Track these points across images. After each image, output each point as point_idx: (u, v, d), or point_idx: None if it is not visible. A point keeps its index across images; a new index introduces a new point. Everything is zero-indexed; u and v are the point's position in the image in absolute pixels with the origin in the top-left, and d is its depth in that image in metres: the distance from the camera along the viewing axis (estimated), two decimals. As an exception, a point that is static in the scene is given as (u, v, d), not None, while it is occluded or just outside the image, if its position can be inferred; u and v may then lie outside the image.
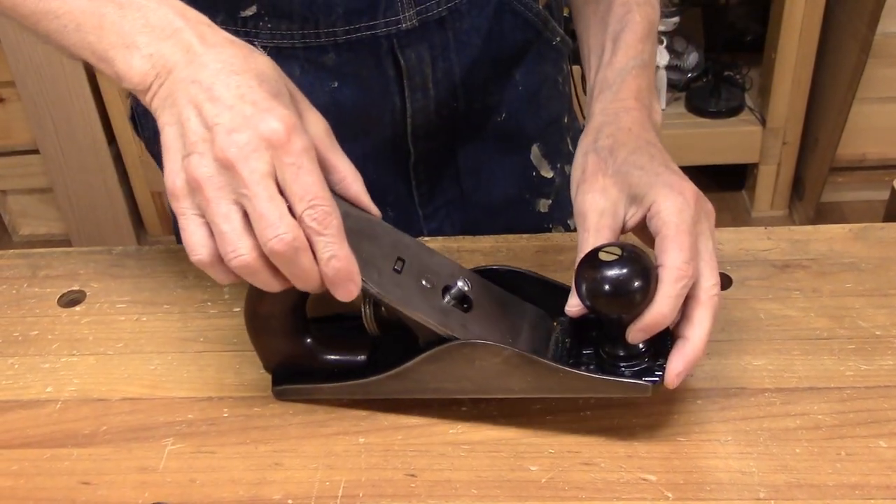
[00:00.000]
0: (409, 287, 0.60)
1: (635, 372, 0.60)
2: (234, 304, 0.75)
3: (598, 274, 0.57)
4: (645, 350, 0.60)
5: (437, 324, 0.59)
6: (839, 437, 0.61)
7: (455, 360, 0.60)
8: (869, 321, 0.69)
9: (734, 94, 2.23)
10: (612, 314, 0.59)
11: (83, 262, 0.81)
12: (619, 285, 0.56)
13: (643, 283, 0.57)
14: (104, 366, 0.71)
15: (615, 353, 0.61)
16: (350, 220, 0.57)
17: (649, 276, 0.57)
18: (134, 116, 0.87)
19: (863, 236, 0.77)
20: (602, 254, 0.57)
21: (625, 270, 0.56)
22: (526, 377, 0.60)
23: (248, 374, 0.69)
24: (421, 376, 0.62)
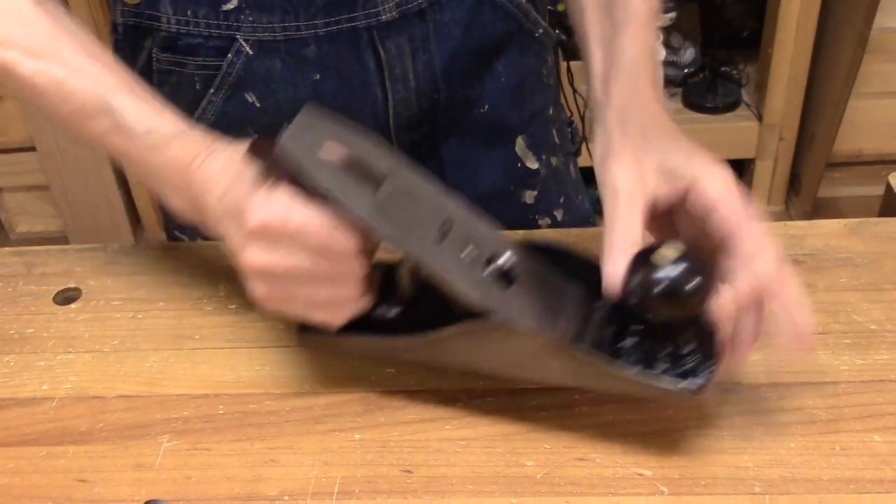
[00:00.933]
0: (451, 255, 0.57)
1: (678, 373, 0.57)
2: (229, 301, 0.75)
3: (654, 273, 0.53)
4: (693, 351, 0.57)
5: (476, 298, 0.57)
6: (834, 432, 0.61)
7: (489, 338, 0.58)
8: (864, 316, 0.69)
9: (731, 89, 2.23)
10: (665, 317, 0.55)
11: (79, 259, 0.81)
12: (678, 288, 0.52)
13: (702, 287, 0.53)
14: (100, 363, 0.71)
15: (661, 353, 0.57)
16: (398, 179, 0.56)
17: (710, 279, 0.53)
18: None
19: (858, 231, 0.77)
20: (661, 251, 0.53)
21: (685, 272, 0.52)
22: (561, 366, 0.58)
23: (243, 371, 0.69)
24: (452, 348, 0.60)
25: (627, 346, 0.59)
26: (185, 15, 0.73)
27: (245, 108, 0.78)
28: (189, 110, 0.79)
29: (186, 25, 0.74)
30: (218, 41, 0.75)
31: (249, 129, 0.79)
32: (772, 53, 2.08)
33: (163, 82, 0.79)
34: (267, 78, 0.76)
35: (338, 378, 0.68)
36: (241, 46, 0.74)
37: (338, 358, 0.69)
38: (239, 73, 0.76)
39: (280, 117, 0.78)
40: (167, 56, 0.78)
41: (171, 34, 0.76)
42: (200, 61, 0.77)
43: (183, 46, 0.76)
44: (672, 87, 2.25)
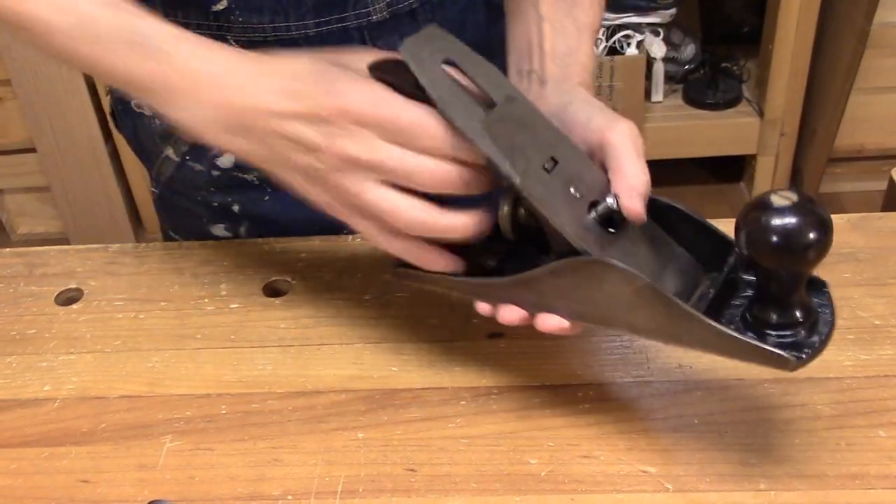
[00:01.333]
0: (554, 189, 0.55)
1: (781, 343, 0.53)
2: (230, 300, 0.75)
3: (768, 221, 0.49)
4: (801, 321, 0.54)
5: (574, 234, 0.54)
6: (838, 428, 0.61)
7: (583, 279, 0.55)
8: (868, 311, 0.69)
9: (731, 85, 2.22)
10: (778, 269, 0.52)
11: (80, 259, 0.81)
12: (794, 237, 0.49)
13: (820, 237, 0.49)
14: (102, 364, 0.71)
15: (765, 317, 0.54)
16: (511, 107, 0.55)
17: (828, 230, 0.50)
18: (114, 113, 0.87)
19: (861, 226, 0.77)
20: (775, 197, 0.50)
21: (802, 220, 0.49)
22: (655, 316, 0.55)
23: (245, 370, 0.69)
24: (545, 289, 0.57)
25: (728, 313, 0.56)
26: (176, 16, 0.73)
27: None
28: None
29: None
30: None
31: None
32: (772, 49, 2.07)
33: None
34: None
35: (340, 376, 0.67)
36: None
37: (340, 355, 0.69)
38: None
39: None
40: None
41: None
42: None
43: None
44: (673, 84, 2.24)
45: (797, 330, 0.53)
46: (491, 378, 0.66)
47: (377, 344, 0.70)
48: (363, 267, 0.77)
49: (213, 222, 0.86)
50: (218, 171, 0.81)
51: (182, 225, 0.89)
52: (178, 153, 0.81)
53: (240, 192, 0.82)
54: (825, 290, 0.56)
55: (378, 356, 0.69)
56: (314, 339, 0.71)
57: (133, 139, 0.85)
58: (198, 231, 0.87)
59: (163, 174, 0.84)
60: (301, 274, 0.77)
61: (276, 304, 0.74)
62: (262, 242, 0.81)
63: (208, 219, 0.86)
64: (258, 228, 0.84)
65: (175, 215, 0.89)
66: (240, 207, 0.83)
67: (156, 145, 0.83)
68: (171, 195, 0.87)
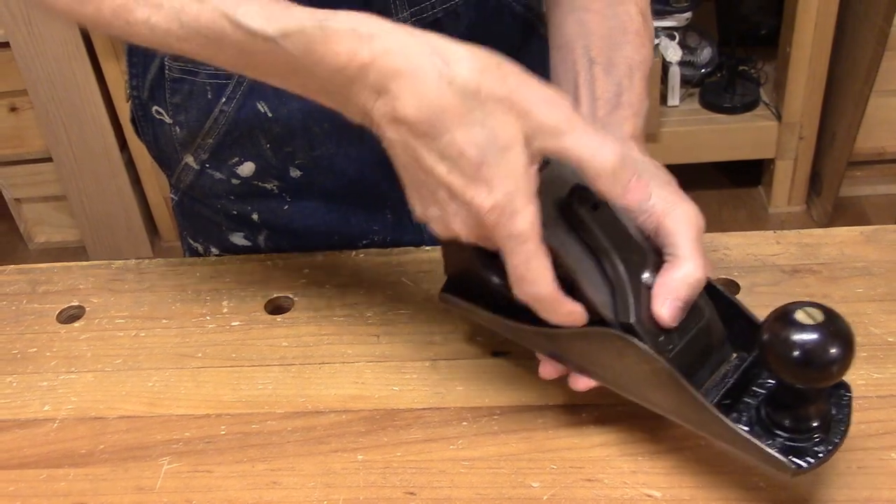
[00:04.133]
0: (588, 258, 0.56)
1: (789, 446, 0.53)
2: (232, 317, 0.74)
3: (792, 337, 0.49)
4: (815, 427, 0.53)
5: (601, 304, 0.56)
6: (850, 450, 0.59)
7: (604, 348, 0.57)
8: (881, 327, 0.67)
9: (749, 88, 2.20)
10: (797, 382, 0.51)
11: (83, 276, 0.81)
12: (817, 356, 0.49)
13: (844, 358, 0.49)
14: (102, 383, 0.70)
15: (778, 419, 0.54)
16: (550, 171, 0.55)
17: (851, 346, 0.50)
18: (134, 120, 0.87)
19: (874, 239, 0.75)
20: (807, 310, 0.50)
21: (828, 338, 0.49)
22: (668, 397, 0.56)
23: (245, 390, 0.68)
24: (567, 346, 0.59)
25: (744, 403, 0.56)
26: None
27: (257, 118, 0.77)
28: (201, 119, 0.78)
29: None
30: None
31: (261, 138, 0.77)
32: (790, 51, 2.05)
33: (175, 91, 0.78)
34: (273, 93, 0.75)
35: (341, 396, 0.67)
36: None
37: (341, 374, 0.68)
38: (251, 82, 0.75)
39: (292, 127, 0.77)
40: (179, 65, 0.77)
41: None
42: (212, 70, 0.76)
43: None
44: (689, 88, 2.22)
45: (809, 436, 0.53)
46: (493, 398, 0.65)
47: (379, 362, 0.69)
48: (366, 283, 0.76)
49: (232, 230, 0.85)
50: (238, 180, 0.80)
51: (201, 232, 0.88)
52: (197, 161, 0.81)
53: (259, 201, 0.82)
54: (847, 393, 0.55)
55: (380, 375, 0.68)
56: (316, 358, 0.70)
57: (153, 146, 0.85)
58: (217, 239, 0.87)
59: (182, 181, 0.84)
60: (303, 291, 0.76)
61: (278, 322, 0.74)
62: (264, 258, 0.80)
63: (227, 227, 0.85)
64: (277, 238, 0.84)
65: (194, 222, 0.88)
66: (259, 216, 0.83)
67: (176, 152, 0.82)
68: (190, 202, 0.86)
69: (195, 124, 0.79)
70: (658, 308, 0.56)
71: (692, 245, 0.57)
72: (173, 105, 0.79)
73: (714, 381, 0.58)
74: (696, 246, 0.57)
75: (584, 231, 0.56)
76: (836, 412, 0.54)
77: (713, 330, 0.59)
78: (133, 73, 0.80)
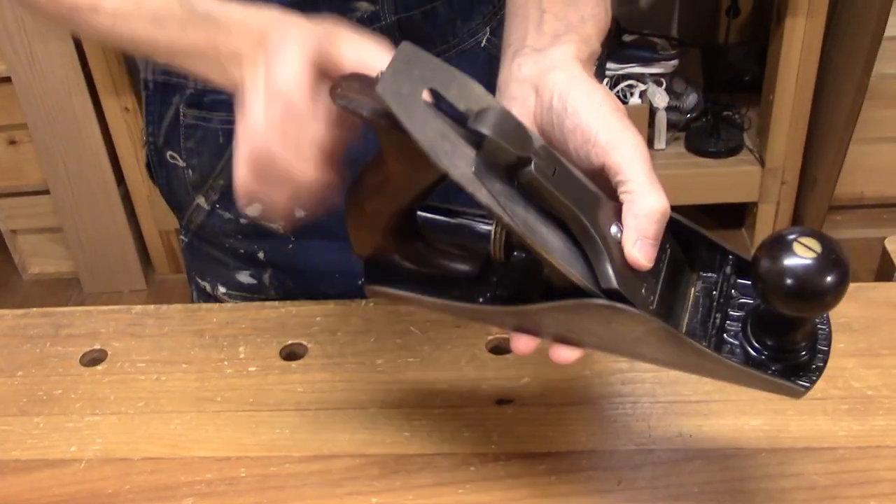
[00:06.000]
0: (553, 228, 0.53)
1: (785, 367, 0.53)
2: (248, 363, 0.78)
3: (789, 268, 0.49)
4: (802, 346, 0.53)
5: (580, 275, 0.52)
6: (832, 498, 0.63)
7: (589, 317, 0.54)
8: (861, 381, 0.72)
9: (733, 134, 2.26)
10: (793, 312, 0.51)
11: (104, 321, 0.84)
12: (817, 285, 0.49)
13: (841, 288, 0.49)
14: (126, 425, 0.74)
15: (771, 343, 0.54)
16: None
17: (847, 273, 0.49)
18: (150, 164, 0.91)
19: (855, 296, 0.80)
20: (804, 241, 0.49)
21: (826, 269, 0.49)
22: (665, 350, 0.54)
23: (264, 434, 0.72)
24: (544, 320, 0.56)
25: (730, 331, 0.56)
26: None
27: None
28: (213, 161, 0.83)
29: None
30: None
31: None
32: (773, 99, 2.12)
33: (189, 136, 0.83)
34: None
35: (355, 441, 0.70)
36: None
37: (354, 420, 0.72)
38: None
39: None
40: (193, 112, 0.82)
41: (198, 91, 0.80)
42: (224, 116, 0.80)
43: (208, 103, 0.80)
44: (675, 132, 2.29)
45: (799, 353, 0.54)
46: (498, 444, 0.69)
47: (390, 409, 0.73)
48: (376, 330, 0.80)
49: (238, 269, 0.90)
50: (245, 219, 0.85)
51: (209, 271, 0.93)
52: (208, 202, 0.86)
53: (265, 240, 0.87)
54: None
55: (391, 421, 0.72)
56: (330, 404, 0.74)
57: (166, 189, 0.90)
58: (224, 277, 0.91)
59: (193, 222, 0.89)
60: (316, 338, 0.80)
61: (293, 368, 0.77)
62: (279, 305, 0.84)
63: (234, 266, 0.90)
64: (281, 275, 0.88)
65: (203, 262, 0.93)
66: (264, 255, 0.88)
67: (188, 194, 0.87)
68: (199, 243, 0.91)
69: (207, 167, 0.84)
70: (631, 252, 0.52)
71: (645, 176, 0.53)
72: (187, 149, 0.84)
73: (691, 312, 0.56)
74: (650, 176, 0.53)
75: (546, 201, 0.52)
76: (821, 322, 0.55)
77: (678, 260, 0.57)
78: (149, 121, 0.85)
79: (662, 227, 0.53)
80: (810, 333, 0.54)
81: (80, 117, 2.18)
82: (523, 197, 0.52)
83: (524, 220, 0.51)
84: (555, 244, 0.52)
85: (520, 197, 0.52)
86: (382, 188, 0.55)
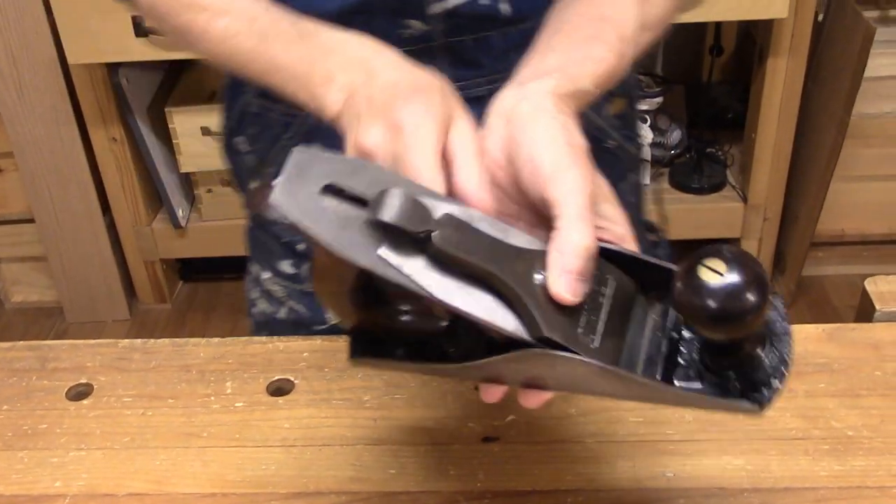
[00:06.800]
0: (475, 289, 0.53)
1: (746, 382, 0.52)
2: (235, 398, 0.78)
3: (703, 294, 0.48)
4: (759, 353, 0.52)
5: (512, 328, 0.53)
6: (814, 538, 0.64)
7: (534, 365, 0.54)
8: (841, 422, 0.73)
9: (716, 170, 2.29)
10: (722, 338, 0.51)
11: (90, 354, 0.84)
12: (732, 310, 0.48)
13: (760, 305, 0.48)
14: (111, 460, 0.73)
15: (722, 363, 0.53)
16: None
17: (766, 287, 0.48)
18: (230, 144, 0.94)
19: (835, 337, 0.81)
20: (708, 263, 0.48)
21: (739, 289, 0.47)
22: (613, 386, 0.54)
23: (249, 469, 0.72)
24: (501, 372, 0.56)
25: (686, 355, 0.55)
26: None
27: None
28: (268, 149, 0.88)
29: None
30: None
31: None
32: (756, 136, 2.15)
33: (253, 122, 0.88)
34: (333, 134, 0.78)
35: (341, 478, 0.71)
36: None
37: (340, 456, 0.72)
38: (311, 125, 0.83)
39: None
40: (260, 101, 0.87)
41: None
42: (284, 108, 0.84)
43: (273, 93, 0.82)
44: (659, 168, 2.31)
45: (758, 363, 0.52)
46: (485, 482, 0.70)
47: (376, 446, 0.73)
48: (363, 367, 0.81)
49: (281, 258, 0.93)
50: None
51: (259, 257, 0.97)
52: None
53: None
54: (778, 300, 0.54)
55: (377, 458, 0.72)
56: (316, 440, 0.74)
57: (233, 173, 0.96)
58: (269, 264, 0.94)
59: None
60: (303, 373, 0.80)
61: (280, 404, 0.78)
62: (266, 341, 0.84)
63: (278, 254, 0.93)
64: None
65: (256, 247, 0.97)
66: (305, 247, 0.90)
67: (248, 179, 0.93)
68: (255, 228, 0.96)
69: (264, 153, 0.89)
70: (553, 288, 0.52)
71: (575, 211, 0.52)
72: (250, 136, 0.90)
73: (648, 338, 0.56)
74: (581, 212, 0.53)
75: (459, 266, 0.52)
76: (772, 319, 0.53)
77: (624, 293, 0.56)
78: (226, 107, 0.92)
79: (587, 262, 0.52)
80: (761, 341, 0.52)
81: (66, 146, 2.18)
82: (438, 267, 0.53)
83: (442, 288, 0.52)
84: (482, 303, 0.53)
85: (434, 268, 0.53)
86: (325, 274, 0.58)
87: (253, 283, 0.99)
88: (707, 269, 0.48)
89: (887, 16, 2.11)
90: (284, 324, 0.96)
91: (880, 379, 0.76)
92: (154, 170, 2.23)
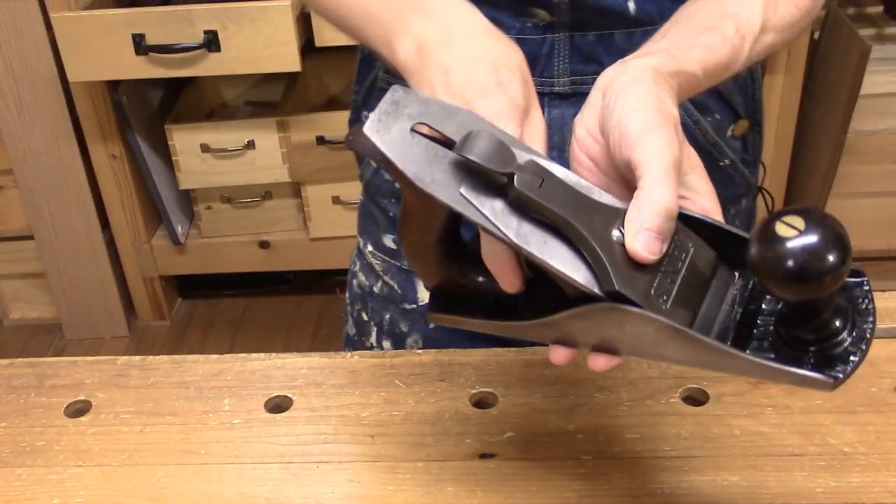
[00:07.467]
0: (551, 237, 0.53)
1: (822, 357, 0.50)
2: (233, 415, 0.79)
3: (778, 250, 0.46)
4: (839, 328, 0.50)
5: (583, 280, 0.52)
6: (810, 555, 0.64)
7: (602, 322, 0.54)
8: (838, 438, 0.73)
9: (714, 187, 2.30)
10: (797, 300, 0.49)
11: (89, 371, 0.84)
12: (808, 268, 0.45)
13: (839, 264, 0.45)
14: (109, 478, 0.74)
15: (799, 335, 0.51)
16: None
17: (847, 250, 0.46)
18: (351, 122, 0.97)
19: (831, 353, 0.81)
20: (786, 219, 0.46)
21: (816, 247, 0.45)
22: (682, 350, 0.53)
23: (247, 487, 0.72)
24: (570, 330, 0.56)
25: (762, 327, 0.53)
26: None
27: None
28: None
29: None
30: None
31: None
32: (753, 154, 2.15)
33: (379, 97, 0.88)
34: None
35: (339, 495, 0.71)
36: None
37: (338, 473, 0.72)
38: None
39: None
40: (387, 77, 0.88)
41: None
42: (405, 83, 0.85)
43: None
44: (657, 184, 2.32)
45: (836, 339, 0.50)
46: (482, 498, 0.70)
47: (373, 462, 0.73)
48: (361, 383, 0.81)
49: (386, 232, 0.95)
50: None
51: (366, 229, 0.99)
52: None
53: None
54: (859, 277, 0.52)
55: (375, 475, 0.72)
56: (314, 457, 0.74)
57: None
58: (375, 237, 0.97)
59: (364, 177, 0.97)
60: (301, 390, 0.81)
61: (278, 420, 0.78)
62: (264, 358, 0.85)
63: (384, 227, 0.95)
64: None
65: (364, 219, 0.99)
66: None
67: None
68: (366, 200, 0.98)
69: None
70: (630, 244, 0.52)
71: (658, 171, 0.52)
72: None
73: (725, 310, 0.54)
74: (664, 173, 0.52)
75: (537, 212, 0.53)
76: (857, 296, 0.51)
77: (702, 260, 0.55)
78: (357, 81, 0.94)
79: (667, 222, 0.52)
80: (843, 316, 0.50)
81: (66, 163, 2.19)
82: (517, 211, 0.53)
83: (518, 232, 0.52)
84: (556, 252, 0.53)
85: (513, 212, 0.53)
86: (410, 219, 0.59)
87: (357, 256, 1.01)
88: (785, 224, 0.46)
89: (883, 34, 2.13)
90: (377, 298, 0.97)
91: (876, 395, 0.77)
92: (153, 187, 2.24)
